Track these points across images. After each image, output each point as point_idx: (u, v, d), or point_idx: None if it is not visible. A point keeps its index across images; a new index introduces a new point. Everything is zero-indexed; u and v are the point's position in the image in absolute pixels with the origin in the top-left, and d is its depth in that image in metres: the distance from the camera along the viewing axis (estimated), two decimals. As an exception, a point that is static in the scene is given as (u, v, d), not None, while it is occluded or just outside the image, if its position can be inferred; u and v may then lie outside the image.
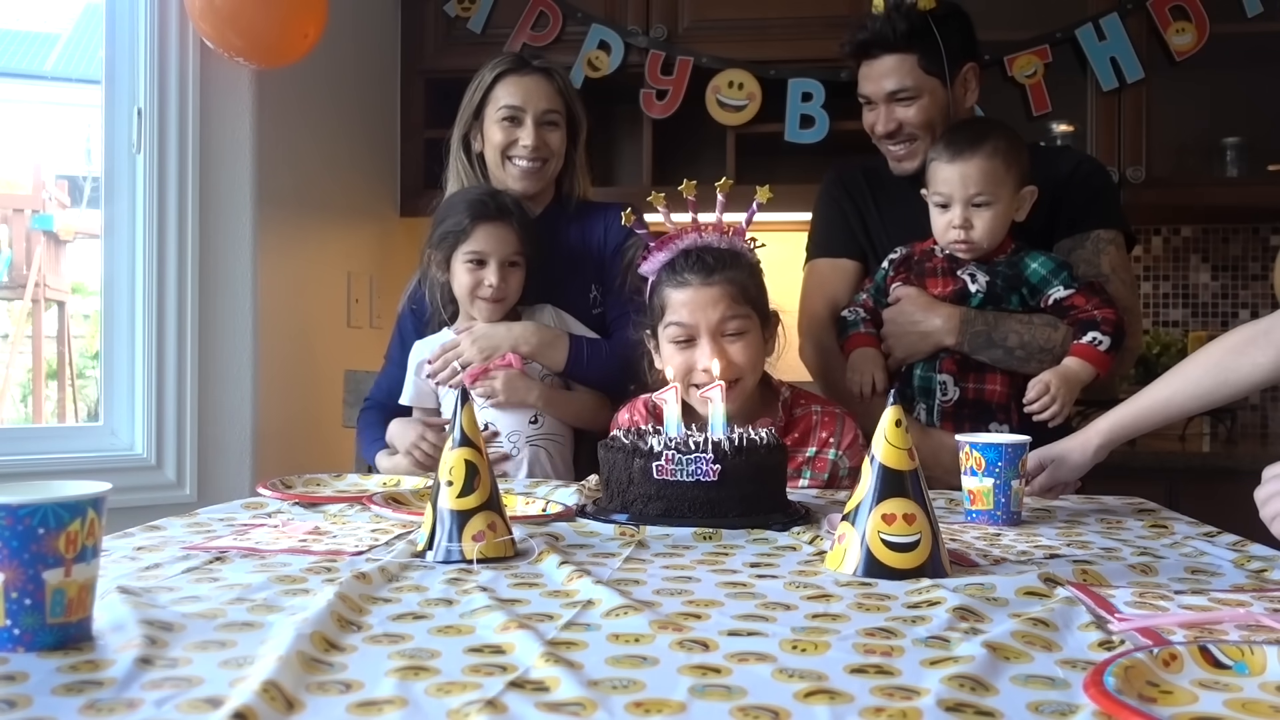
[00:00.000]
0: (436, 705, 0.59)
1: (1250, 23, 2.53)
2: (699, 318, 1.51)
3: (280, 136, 2.29)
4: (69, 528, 0.68)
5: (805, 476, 1.58)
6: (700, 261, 1.51)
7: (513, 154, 1.88)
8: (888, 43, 1.81)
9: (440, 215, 1.83)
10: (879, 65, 1.82)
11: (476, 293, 1.78)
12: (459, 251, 1.78)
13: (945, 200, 1.70)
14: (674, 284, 1.52)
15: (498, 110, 1.88)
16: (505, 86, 1.88)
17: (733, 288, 1.51)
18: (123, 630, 0.72)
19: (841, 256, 1.93)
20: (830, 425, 1.59)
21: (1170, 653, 0.65)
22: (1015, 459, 1.24)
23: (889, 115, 1.83)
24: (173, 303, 2.12)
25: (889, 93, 1.82)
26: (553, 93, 1.89)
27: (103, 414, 2.13)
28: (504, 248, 1.77)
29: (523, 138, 1.86)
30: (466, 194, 1.84)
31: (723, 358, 1.49)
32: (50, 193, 5.12)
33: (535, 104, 1.87)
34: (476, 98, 1.91)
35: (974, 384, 1.72)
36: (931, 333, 1.71)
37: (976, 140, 1.68)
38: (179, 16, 2.11)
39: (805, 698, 0.61)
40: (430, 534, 0.99)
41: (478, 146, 1.93)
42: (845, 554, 0.95)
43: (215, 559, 0.97)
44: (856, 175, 1.98)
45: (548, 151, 1.89)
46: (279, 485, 1.39)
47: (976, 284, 1.71)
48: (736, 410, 1.54)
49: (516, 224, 1.79)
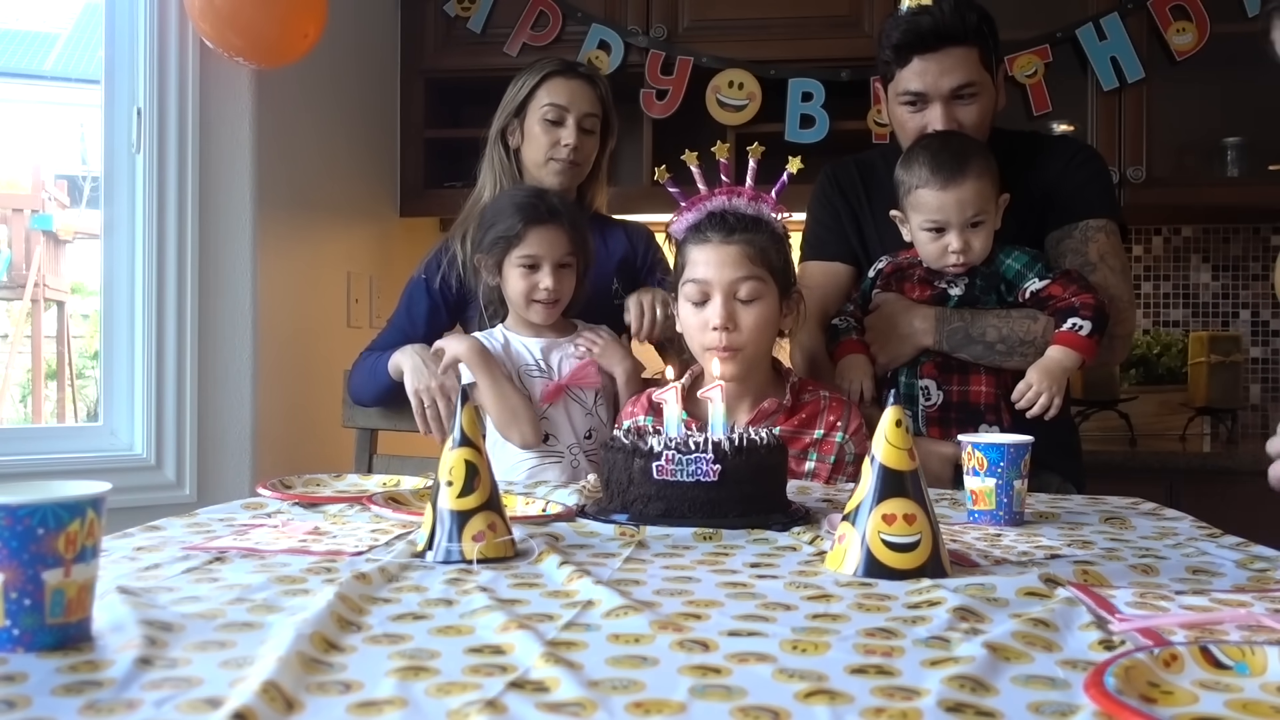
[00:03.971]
0: (436, 705, 0.59)
1: (1251, 22, 2.52)
2: (714, 275, 1.52)
3: (280, 136, 2.29)
4: (68, 528, 0.68)
5: (811, 459, 1.58)
6: (723, 221, 1.53)
7: (553, 154, 1.94)
8: (957, 34, 1.68)
9: (489, 219, 1.81)
10: (941, 59, 1.69)
11: (532, 296, 1.77)
12: (511, 255, 1.76)
13: (939, 226, 1.66)
14: (696, 241, 1.54)
15: (542, 108, 1.94)
16: (552, 87, 1.94)
17: (751, 249, 1.52)
18: (122, 630, 0.71)
19: (833, 260, 1.91)
20: (838, 410, 1.60)
21: (1171, 653, 0.65)
22: (1018, 459, 1.24)
23: (949, 115, 1.71)
24: (172, 302, 2.12)
25: (953, 88, 1.70)
26: (595, 98, 1.96)
27: (102, 414, 2.13)
28: (556, 250, 1.76)
29: (564, 137, 1.93)
30: (514, 197, 1.82)
31: (731, 319, 1.51)
32: (50, 193, 5.12)
33: (579, 106, 1.94)
34: (521, 95, 1.96)
35: (958, 386, 1.70)
36: (910, 334, 1.70)
37: (962, 163, 1.64)
38: (179, 16, 2.11)
39: (805, 698, 0.61)
40: (430, 534, 0.99)
41: (514, 143, 1.99)
42: (845, 554, 0.95)
43: (215, 559, 0.97)
44: (850, 170, 1.95)
45: (584, 155, 1.96)
46: (279, 485, 1.38)
47: (955, 288, 1.70)
48: (747, 384, 1.57)
49: (567, 224, 1.79)
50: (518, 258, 1.76)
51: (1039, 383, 1.62)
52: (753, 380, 1.58)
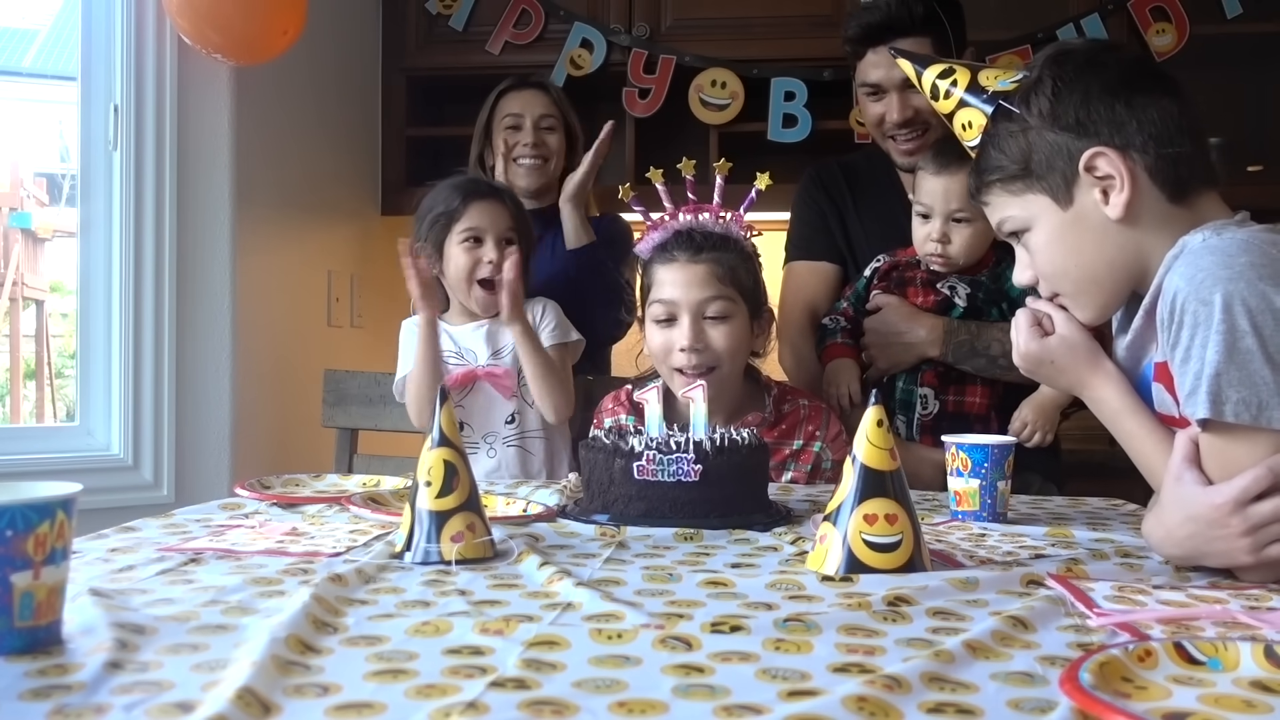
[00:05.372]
0: (416, 707, 0.58)
1: (1230, 24, 2.55)
2: (681, 295, 1.49)
3: (260, 134, 2.27)
4: (37, 530, 0.67)
5: (790, 469, 1.57)
6: (690, 239, 1.51)
7: (516, 155, 2.13)
8: (904, 25, 1.75)
9: (427, 206, 1.84)
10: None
11: (475, 274, 1.76)
12: (453, 232, 1.77)
13: (927, 211, 1.68)
14: (662, 260, 1.52)
15: (502, 120, 2.15)
16: (507, 101, 2.16)
17: (720, 269, 1.50)
18: (93, 633, 0.70)
19: (820, 259, 1.92)
20: (816, 418, 1.59)
21: (1145, 649, 0.65)
22: (1001, 460, 1.24)
23: (904, 103, 1.78)
24: (150, 301, 2.10)
25: (904, 79, 1.72)
26: (548, 102, 2.16)
27: (79, 414, 2.11)
28: (499, 224, 1.78)
29: (524, 139, 2.13)
30: (451, 180, 1.88)
31: (700, 339, 1.48)
32: (28, 190, 5.07)
33: (533, 110, 2.14)
34: (484, 116, 2.18)
35: (954, 396, 1.71)
36: (915, 344, 1.70)
37: (965, 155, 1.66)
38: (156, 13, 2.08)
39: (788, 697, 0.60)
40: (408, 535, 0.98)
41: (490, 162, 2.16)
42: (827, 554, 0.95)
43: (190, 561, 0.96)
44: (834, 172, 1.96)
45: (547, 151, 2.14)
46: (257, 486, 1.37)
47: (959, 298, 1.70)
48: (722, 403, 1.54)
49: (509, 201, 1.83)
50: (460, 233, 1.77)
51: (1034, 421, 1.64)
52: (729, 394, 1.56)
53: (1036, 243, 1.11)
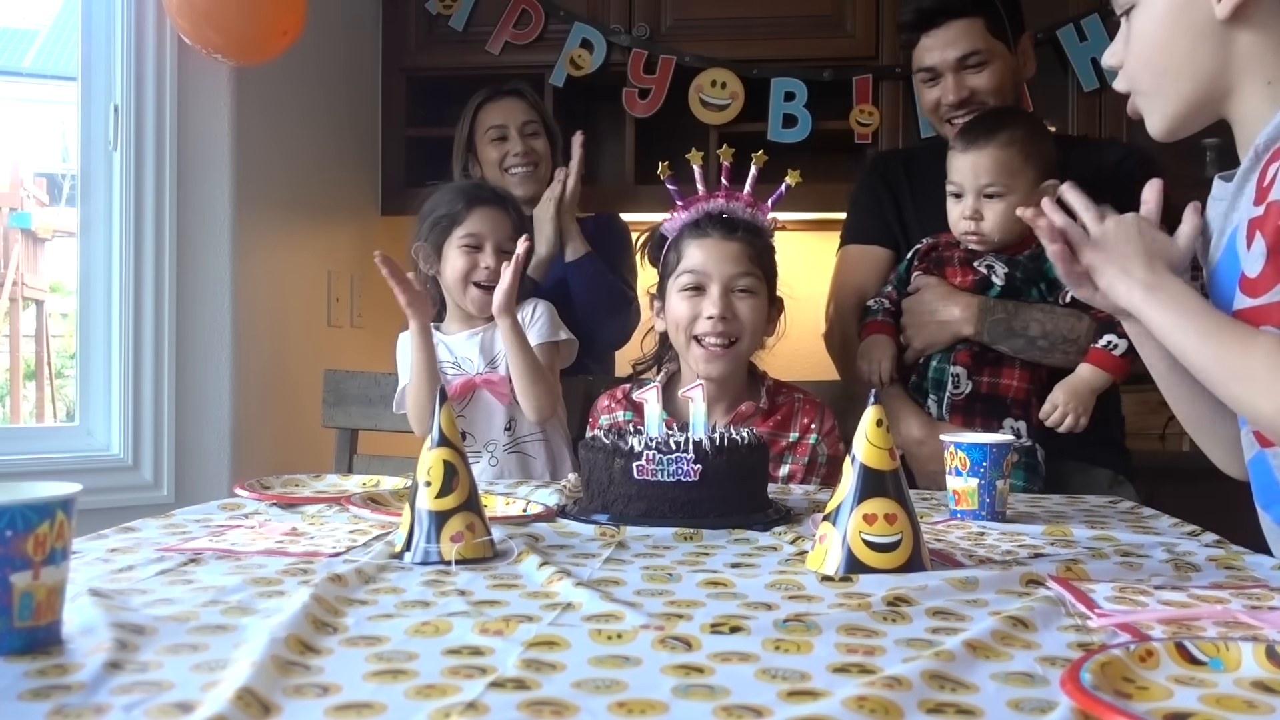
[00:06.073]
0: (416, 708, 0.58)
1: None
2: (714, 268, 1.54)
3: (260, 134, 2.27)
4: (37, 530, 0.67)
5: (787, 463, 1.58)
6: (723, 220, 1.56)
7: (507, 165, 2.14)
8: (957, 7, 1.78)
9: (429, 208, 1.83)
10: (944, 33, 1.79)
11: (471, 277, 1.76)
12: (453, 236, 1.77)
13: (958, 190, 1.68)
14: (695, 236, 1.57)
15: (486, 131, 2.15)
16: (487, 112, 2.17)
17: (751, 250, 1.55)
18: (92, 634, 0.70)
19: (873, 244, 1.92)
20: (811, 412, 1.60)
21: (1147, 649, 0.65)
22: (1000, 459, 1.24)
23: (959, 84, 1.80)
24: (150, 301, 2.10)
25: (959, 59, 1.79)
26: (527, 107, 2.18)
27: (79, 414, 2.11)
28: (500, 231, 1.77)
29: (513, 148, 2.13)
30: (455, 184, 1.88)
31: (728, 309, 1.53)
32: (29, 190, 5.07)
33: (515, 119, 2.15)
34: (465, 129, 2.19)
35: (989, 378, 1.68)
36: (950, 322, 1.68)
37: (992, 129, 1.66)
38: (156, 12, 2.08)
39: (788, 697, 0.60)
40: (408, 535, 0.98)
41: (476, 174, 2.16)
42: (826, 554, 0.95)
43: (190, 561, 0.96)
44: (895, 161, 1.98)
45: (536, 156, 2.15)
46: (257, 486, 1.37)
47: (997, 276, 1.69)
48: (725, 388, 1.56)
49: (512, 210, 1.82)
50: (460, 237, 1.77)
51: (1065, 403, 1.60)
52: (732, 382, 1.59)
53: (1139, 23, 1.08)
